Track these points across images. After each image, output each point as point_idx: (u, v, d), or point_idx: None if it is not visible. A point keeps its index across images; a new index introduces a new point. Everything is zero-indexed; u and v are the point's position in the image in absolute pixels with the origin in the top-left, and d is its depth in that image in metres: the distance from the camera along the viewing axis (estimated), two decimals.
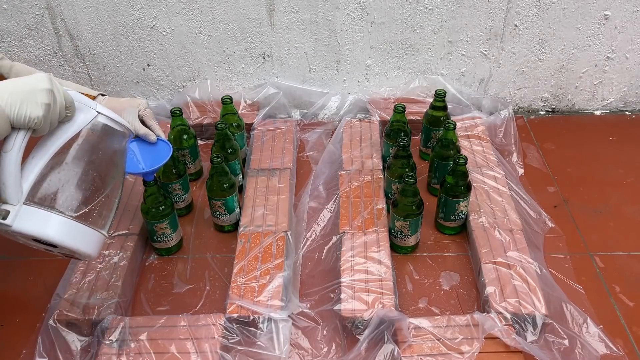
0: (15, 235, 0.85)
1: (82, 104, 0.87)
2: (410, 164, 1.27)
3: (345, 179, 1.40)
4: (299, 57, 1.63)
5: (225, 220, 1.30)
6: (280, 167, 1.44)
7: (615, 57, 1.61)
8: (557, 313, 1.08)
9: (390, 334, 1.03)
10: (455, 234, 1.30)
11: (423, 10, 1.53)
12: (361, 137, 1.53)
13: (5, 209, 0.79)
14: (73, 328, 1.09)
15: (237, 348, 1.04)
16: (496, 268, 1.15)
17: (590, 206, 1.38)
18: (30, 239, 0.85)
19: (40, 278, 1.24)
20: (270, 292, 1.11)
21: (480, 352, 1.00)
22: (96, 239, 0.89)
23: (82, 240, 0.86)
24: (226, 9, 1.53)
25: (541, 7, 1.51)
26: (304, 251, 1.26)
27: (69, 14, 1.55)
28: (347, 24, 1.56)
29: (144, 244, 1.30)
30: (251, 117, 1.62)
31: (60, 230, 0.83)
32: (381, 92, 1.69)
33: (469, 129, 1.56)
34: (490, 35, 1.57)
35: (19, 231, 0.81)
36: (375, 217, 1.27)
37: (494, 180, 1.37)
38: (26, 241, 0.87)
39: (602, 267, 1.22)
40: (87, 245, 0.87)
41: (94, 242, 0.88)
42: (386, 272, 1.14)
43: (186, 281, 1.22)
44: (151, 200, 1.18)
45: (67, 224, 0.84)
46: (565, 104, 1.72)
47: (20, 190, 0.81)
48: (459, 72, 1.65)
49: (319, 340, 1.08)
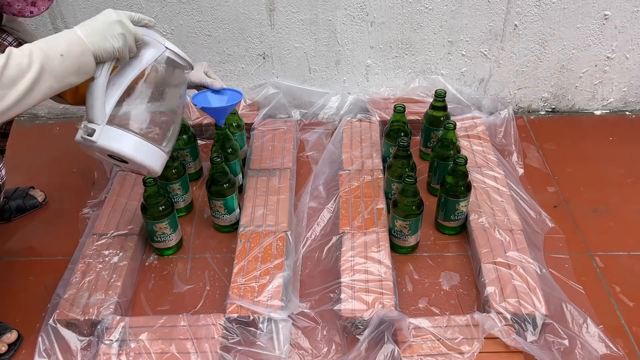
0: (93, 151, 0.97)
1: (152, 39, 0.98)
2: (410, 164, 1.27)
3: (345, 179, 1.40)
4: (299, 57, 1.63)
5: (225, 220, 1.30)
6: (280, 167, 1.44)
7: (615, 57, 1.61)
8: (557, 313, 1.08)
9: (390, 334, 1.03)
10: (455, 234, 1.30)
11: (423, 10, 1.53)
12: (361, 137, 1.53)
13: (91, 127, 0.92)
14: (73, 328, 1.09)
15: (237, 348, 1.04)
16: (496, 268, 1.15)
17: (590, 206, 1.38)
18: (105, 155, 0.98)
19: (40, 278, 1.24)
20: (270, 292, 1.11)
21: (480, 352, 1.00)
22: (161, 156, 1.01)
23: (150, 157, 0.98)
24: (226, 9, 1.53)
25: (541, 7, 1.51)
26: (304, 251, 1.26)
27: (69, 14, 1.55)
28: (347, 24, 1.56)
29: (144, 244, 1.30)
30: (251, 117, 1.62)
31: (133, 147, 0.96)
32: (381, 92, 1.69)
33: (469, 129, 1.56)
34: (490, 35, 1.57)
35: (101, 147, 0.93)
36: (375, 217, 1.27)
37: (494, 180, 1.37)
38: (101, 156, 1.00)
39: (602, 267, 1.22)
40: (154, 161, 0.99)
41: (159, 159, 1.01)
42: (386, 272, 1.14)
43: (186, 281, 1.22)
44: (151, 200, 1.18)
45: (139, 142, 0.97)
46: (565, 104, 1.72)
47: (104, 112, 0.93)
48: (459, 72, 1.65)
49: (319, 340, 1.08)
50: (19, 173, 1.52)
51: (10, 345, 1.08)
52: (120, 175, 1.43)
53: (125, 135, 0.95)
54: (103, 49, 0.87)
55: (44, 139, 1.67)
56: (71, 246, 1.28)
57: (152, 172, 1.01)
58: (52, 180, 1.51)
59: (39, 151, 1.62)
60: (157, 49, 0.99)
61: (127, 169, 1.06)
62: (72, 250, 1.26)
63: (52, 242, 1.33)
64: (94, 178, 1.50)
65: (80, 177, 1.53)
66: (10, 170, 1.43)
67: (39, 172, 1.54)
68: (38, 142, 1.66)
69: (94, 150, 0.97)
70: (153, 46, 0.98)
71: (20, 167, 1.55)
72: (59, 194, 1.46)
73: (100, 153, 0.98)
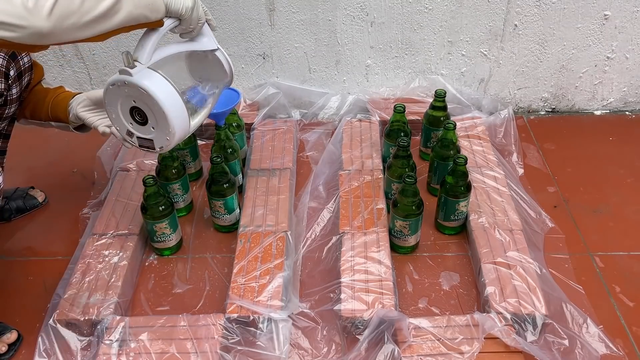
0: (118, 97, 0.95)
1: (210, 33, 1.03)
2: (410, 164, 1.27)
3: (345, 179, 1.40)
4: (299, 57, 1.63)
5: (225, 220, 1.30)
6: (280, 167, 1.44)
7: (615, 57, 1.61)
8: (557, 313, 1.08)
9: (390, 334, 1.03)
10: (455, 234, 1.30)
11: (423, 10, 1.53)
12: (361, 137, 1.53)
13: (135, 63, 0.92)
14: (73, 328, 1.09)
15: (237, 348, 1.04)
16: (496, 268, 1.15)
17: (590, 206, 1.38)
18: (128, 107, 0.96)
19: (40, 278, 1.24)
20: (270, 292, 1.11)
21: (480, 352, 1.00)
22: (185, 122, 0.97)
23: (177, 114, 0.95)
24: (226, 9, 1.53)
25: (541, 7, 1.51)
26: (304, 251, 1.26)
27: None
28: (347, 24, 1.56)
29: (144, 244, 1.30)
30: (251, 117, 1.62)
31: (167, 94, 0.93)
32: (381, 92, 1.69)
33: (469, 129, 1.56)
34: (490, 35, 1.57)
35: (135, 83, 0.91)
36: (375, 217, 1.27)
37: (494, 180, 1.37)
38: (119, 114, 0.98)
39: (602, 267, 1.22)
40: (178, 122, 0.96)
41: (183, 123, 0.97)
42: (386, 272, 1.14)
43: (186, 281, 1.22)
44: (151, 200, 1.18)
45: (174, 93, 0.95)
46: (565, 104, 1.72)
47: (150, 55, 0.93)
48: (459, 72, 1.65)
49: (319, 340, 1.08)
50: (19, 173, 1.52)
51: (10, 345, 1.08)
52: (120, 175, 1.43)
53: (163, 81, 0.94)
54: (175, 1, 0.90)
55: (44, 139, 1.67)
56: (71, 246, 1.28)
57: (170, 133, 0.97)
58: (52, 180, 1.51)
59: (39, 151, 1.62)
60: (212, 43, 1.03)
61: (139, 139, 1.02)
62: (72, 250, 1.26)
63: (52, 242, 1.33)
64: (94, 178, 1.50)
65: (80, 177, 1.53)
66: (10, 171, 1.43)
67: (39, 172, 1.54)
68: (38, 142, 1.66)
69: (120, 96, 0.95)
70: (210, 39, 1.03)
71: (20, 167, 1.55)
72: (59, 194, 1.46)
73: (124, 102, 0.96)
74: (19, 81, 1.08)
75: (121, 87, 0.93)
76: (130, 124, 0.98)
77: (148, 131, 0.97)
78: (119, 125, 1.00)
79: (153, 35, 0.93)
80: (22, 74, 1.09)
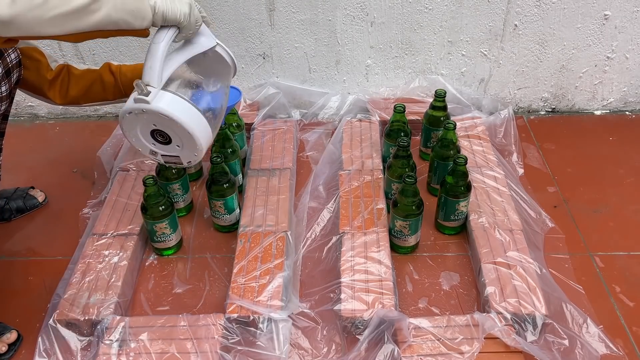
0: (137, 123, 0.96)
1: (208, 31, 1.02)
2: (410, 164, 1.27)
3: (345, 179, 1.40)
4: (299, 57, 1.63)
5: (225, 220, 1.30)
6: (280, 167, 1.44)
7: (615, 57, 1.61)
8: (557, 313, 1.08)
9: (390, 334, 1.03)
10: (455, 234, 1.30)
11: (423, 10, 1.53)
12: (361, 137, 1.53)
13: (148, 88, 0.92)
14: (73, 328, 1.09)
15: (237, 348, 1.04)
16: (496, 268, 1.15)
17: (590, 206, 1.38)
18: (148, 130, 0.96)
19: (40, 278, 1.24)
20: (270, 292, 1.11)
21: (480, 352, 1.00)
22: (209, 133, 0.99)
23: (201, 129, 0.97)
24: (226, 9, 1.53)
25: (541, 7, 1.51)
26: (304, 251, 1.26)
27: None
28: (347, 24, 1.56)
29: (144, 244, 1.30)
30: (251, 117, 1.62)
31: (188, 114, 0.94)
32: (381, 92, 1.69)
33: (469, 129, 1.56)
34: (490, 35, 1.57)
35: (154, 110, 0.92)
36: (375, 217, 1.27)
37: (494, 180, 1.37)
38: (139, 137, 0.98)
39: (602, 267, 1.22)
40: (203, 135, 0.97)
41: (207, 135, 0.99)
42: (386, 272, 1.14)
43: (186, 281, 1.22)
44: (151, 200, 1.18)
45: (193, 110, 0.96)
46: (565, 104, 1.72)
47: (161, 76, 0.93)
48: (459, 72, 1.65)
49: (319, 340, 1.08)
50: (19, 173, 1.52)
51: (10, 345, 1.08)
52: (120, 175, 1.43)
53: (180, 101, 0.94)
54: (171, 10, 0.89)
55: (44, 139, 1.67)
56: (71, 246, 1.28)
57: (198, 149, 0.97)
58: (52, 180, 1.51)
59: (39, 151, 1.62)
60: (210, 40, 1.02)
61: (165, 157, 1.03)
62: (72, 250, 1.26)
63: (52, 242, 1.33)
64: (94, 178, 1.50)
65: (80, 177, 1.53)
66: (10, 170, 1.43)
67: (39, 172, 1.54)
68: (38, 142, 1.66)
69: (138, 122, 0.95)
70: (208, 37, 1.02)
71: (20, 167, 1.55)
72: (59, 194, 1.46)
73: (143, 126, 0.96)
74: (7, 78, 1.06)
75: (139, 115, 0.92)
76: (152, 145, 0.99)
77: (173, 149, 0.98)
78: (141, 147, 1.00)
79: (158, 53, 0.92)
80: (10, 71, 1.08)
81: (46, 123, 1.75)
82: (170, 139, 0.97)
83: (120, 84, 1.20)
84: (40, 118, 1.77)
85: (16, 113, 1.73)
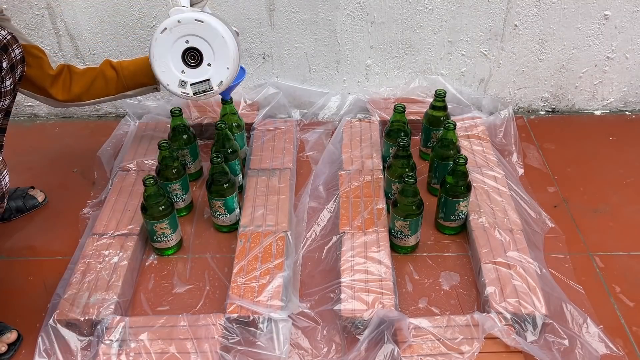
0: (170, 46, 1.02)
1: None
2: (410, 164, 1.27)
3: (345, 179, 1.39)
4: (299, 57, 1.63)
5: (225, 220, 1.30)
6: (280, 167, 1.44)
7: (615, 57, 1.61)
8: (557, 313, 1.08)
9: (390, 334, 1.03)
10: (455, 234, 1.30)
11: (423, 10, 1.53)
12: (361, 137, 1.53)
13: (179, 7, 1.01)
14: (73, 328, 1.09)
15: (237, 348, 1.04)
16: (496, 268, 1.15)
17: (590, 206, 1.38)
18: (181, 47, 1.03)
19: (40, 278, 1.24)
20: (270, 292, 1.11)
21: (480, 352, 1.00)
22: (237, 53, 1.08)
23: (231, 40, 1.04)
24: (226, 9, 1.53)
25: (541, 7, 1.51)
26: (304, 251, 1.26)
27: (69, 14, 1.55)
28: (347, 24, 1.56)
29: (144, 244, 1.30)
30: (251, 117, 1.62)
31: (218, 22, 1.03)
32: (381, 92, 1.69)
33: (469, 129, 1.56)
34: (490, 35, 1.57)
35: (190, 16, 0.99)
36: (375, 217, 1.27)
37: (494, 180, 1.37)
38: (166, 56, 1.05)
39: (602, 267, 1.22)
40: (233, 48, 1.06)
41: (236, 53, 1.07)
42: (386, 272, 1.14)
43: (186, 281, 1.22)
44: (151, 200, 1.18)
45: (223, 22, 1.05)
46: (565, 104, 1.72)
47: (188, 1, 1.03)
48: (459, 72, 1.65)
49: (319, 340, 1.08)
50: (19, 173, 1.52)
51: (10, 345, 1.08)
52: (121, 175, 1.43)
53: (209, 14, 1.02)
54: None
55: (44, 139, 1.67)
56: (71, 246, 1.28)
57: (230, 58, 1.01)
58: (52, 180, 1.51)
59: (39, 151, 1.62)
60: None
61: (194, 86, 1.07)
62: (72, 250, 1.26)
63: (52, 242, 1.33)
64: (94, 178, 1.50)
65: (80, 177, 1.53)
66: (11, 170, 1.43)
67: (39, 172, 1.54)
68: (38, 142, 1.66)
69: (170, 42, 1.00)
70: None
71: (20, 167, 1.55)
72: (59, 194, 1.46)
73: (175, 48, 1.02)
74: (11, 73, 1.06)
75: (173, 29, 0.98)
76: (182, 73, 1.03)
77: (203, 72, 1.02)
78: (170, 79, 1.04)
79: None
80: (14, 66, 1.07)
81: (46, 123, 1.75)
82: (200, 58, 1.01)
83: (122, 78, 1.23)
84: (40, 118, 1.77)
85: (16, 113, 1.73)
